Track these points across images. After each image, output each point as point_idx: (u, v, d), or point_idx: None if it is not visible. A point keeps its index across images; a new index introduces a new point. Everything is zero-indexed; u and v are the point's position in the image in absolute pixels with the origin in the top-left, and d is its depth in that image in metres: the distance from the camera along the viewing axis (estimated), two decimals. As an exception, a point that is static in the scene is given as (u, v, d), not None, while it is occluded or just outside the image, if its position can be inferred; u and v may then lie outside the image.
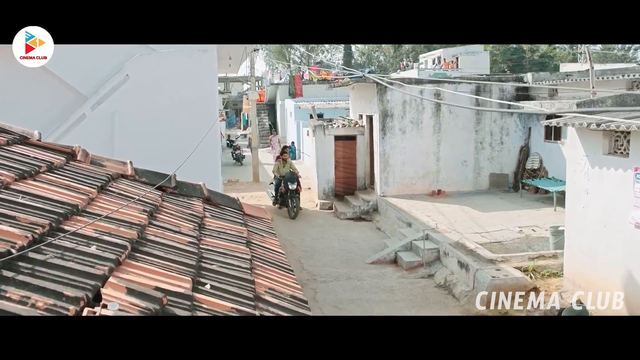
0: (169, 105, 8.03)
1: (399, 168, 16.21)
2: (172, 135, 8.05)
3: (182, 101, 8.05)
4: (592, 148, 7.37)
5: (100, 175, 4.31)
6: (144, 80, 8.00)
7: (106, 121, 7.94)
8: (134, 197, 4.15)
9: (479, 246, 10.58)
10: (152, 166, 8.10)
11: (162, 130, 8.02)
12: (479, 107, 15.56)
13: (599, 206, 7.31)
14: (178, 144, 8.06)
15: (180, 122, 8.06)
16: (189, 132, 8.06)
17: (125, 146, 7.93)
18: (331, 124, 18.05)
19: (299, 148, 29.57)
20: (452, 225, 12.59)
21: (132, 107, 7.98)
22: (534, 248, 10.70)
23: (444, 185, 16.39)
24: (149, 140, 8.01)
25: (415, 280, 10.75)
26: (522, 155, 16.61)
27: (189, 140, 8.06)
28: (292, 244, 13.57)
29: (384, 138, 16.08)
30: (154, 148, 8.00)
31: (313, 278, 11.04)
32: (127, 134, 7.95)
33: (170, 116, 8.03)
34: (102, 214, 3.35)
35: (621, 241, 6.88)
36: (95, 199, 3.65)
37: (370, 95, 16.64)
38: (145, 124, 8.01)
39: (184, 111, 8.05)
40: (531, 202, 14.73)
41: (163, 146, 8.00)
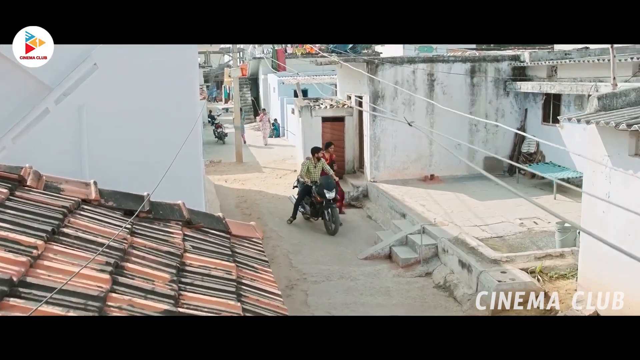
0: (143, 100, 7.12)
1: (390, 152, 15.45)
2: (147, 133, 7.18)
3: (158, 96, 7.14)
4: (615, 148, 6.66)
5: (54, 210, 3.47)
6: (115, 71, 7.07)
7: (72, 116, 7.03)
8: (95, 239, 3.34)
9: (481, 243, 9.92)
10: (126, 168, 7.27)
11: (136, 127, 7.13)
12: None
13: (623, 213, 6.61)
14: (153, 143, 7.23)
15: (156, 120, 7.17)
16: (166, 130, 7.21)
17: (95, 145, 7.05)
18: (318, 105, 17.18)
19: (283, 125, 28.64)
20: (449, 217, 11.92)
21: (102, 101, 7.06)
22: (539, 244, 10.07)
23: (437, 170, 15.69)
24: (121, 139, 7.13)
25: (413, 280, 10.07)
26: (518, 138, 15.91)
27: (166, 140, 7.22)
28: (280, 236, 12.81)
29: (374, 120, 15.28)
30: (127, 147, 7.16)
31: (303, 277, 10.32)
32: (97, 131, 7.05)
33: (144, 112, 7.13)
34: (46, 285, 2.55)
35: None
36: (41, 256, 2.83)
37: (359, 75, 15.73)
38: (116, 120, 7.11)
39: (161, 108, 7.16)
40: (529, 188, 14.08)
41: (137, 145, 7.15)
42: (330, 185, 12.81)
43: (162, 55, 7.17)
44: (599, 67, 12.46)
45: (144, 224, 4.16)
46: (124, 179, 7.22)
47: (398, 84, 15.23)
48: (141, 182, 7.27)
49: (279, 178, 18.91)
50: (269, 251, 11.80)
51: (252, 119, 35.04)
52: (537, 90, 14.53)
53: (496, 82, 15.67)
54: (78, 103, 7.06)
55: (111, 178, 7.20)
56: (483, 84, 15.61)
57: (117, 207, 4.21)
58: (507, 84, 15.62)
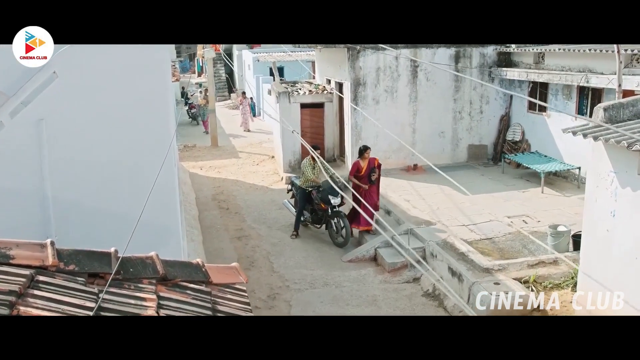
0: (109, 111, 6.41)
1: (371, 141, 14.81)
2: (115, 147, 6.51)
3: (126, 107, 6.44)
4: (623, 165, 6.21)
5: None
6: (77, 79, 6.34)
7: (30, 132, 6.32)
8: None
9: (471, 248, 9.50)
10: (92, 185, 6.62)
11: (102, 142, 6.45)
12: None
13: (631, 234, 6.21)
14: (121, 158, 6.58)
15: (125, 133, 6.49)
16: (135, 143, 6.55)
17: (57, 162, 6.38)
18: (296, 90, 16.47)
19: (258, 105, 27.83)
20: (435, 214, 11.49)
21: (64, 114, 6.36)
22: (530, 248, 9.69)
23: (420, 159, 15.18)
24: (86, 154, 6.45)
25: (400, 287, 9.64)
26: (503, 125, 15.50)
27: (136, 153, 6.58)
28: (259, 234, 12.27)
29: (355, 109, 14.67)
30: (93, 163, 6.49)
31: (286, 285, 9.81)
32: (59, 147, 6.36)
33: (110, 125, 6.43)
34: None
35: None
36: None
37: (339, 60, 15.10)
38: (80, 134, 6.42)
39: (129, 119, 6.47)
40: (515, 179, 13.72)
41: (103, 160, 6.49)
42: (335, 190, 10.46)
43: (129, 60, 6.47)
44: (589, 56, 12.02)
45: (113, 289, 3.58)
46: (90, 197, 6.63)
47: (380, 70, 14.66)
48: (108, 200, 6.68)
49: (256, 165, 18.30)
50: (249, 253, 11.29)
51: (226, 96, 34.12)
52: (524, 78, 14.08)
53: (481, 68, 15.16)
54: (37, 116, 6.35)
55: (76, 198, 6.60)
56: (467, 71, 15.08)
57: (79, 272, 3.62)
58: (492, 70, 15.12)
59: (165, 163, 6.62)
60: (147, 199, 5.53)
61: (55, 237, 6.56)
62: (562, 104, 13.41)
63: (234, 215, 13.56)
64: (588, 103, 12.61)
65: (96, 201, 6.62)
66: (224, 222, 13.08)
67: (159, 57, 6.62)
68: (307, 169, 11.81)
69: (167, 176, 6.63)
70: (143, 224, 6.69)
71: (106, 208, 6.66)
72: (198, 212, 13.65)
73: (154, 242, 6.42)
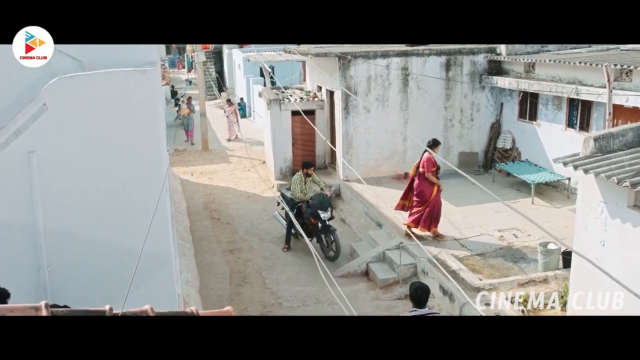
0: (99, 144, 6.38)
1: (362, 150, 14.94)
2: (106, 177, 6.48)
3: (116, 137, 6.42)
4: (613, 196, 6.26)
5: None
6: (67, 111, 6.31)
7: (21, 164, 6.28)
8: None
9: (462, 266, 9.57)
10: (84, 216, 6.59)
11: (93, 175, 6.41)
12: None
13: (620, 266, 6.28)
14: (113, 187, 6.56)
15: (115, 162, 6.46)
16: (126, 177, 6.54)
17: (48, 194, 6.35)
18: (287, 97, 16.45)
19: (249, 105, 27.75)
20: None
21: (54, 146, 6.32)
22: (520, 265, 9.78)
23: (411, 167, 15.18)
24: (76, 188, 6.43)
25: (392, 304, 9.69)
26: (493, 133, 15.57)
27: (127, 182, 6.56)
28: (251, 247, 12.28)
29: (346, 118, 14.69)
30: (84, 198, 6.47)
31: (278, 302, 9.85)
32: (49, 180, 6.33)
33: (101, 157, 6.40)
34: None
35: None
36: None
37: (331, 69, 15.08)
38: (70, 167, 6.38)
39: (120, 150, 6.44)
40: (505, 189, 13.78)
41: (95, 196, 6.47)
42: (324, 204, 11.16)
43: (119, 90, 6.44)
44: (579, 68, 12.06)
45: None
46: (81, 227, 6.60)
47: (371, 79, 14.66)
48: (100, 230, 6.66)
49: (247, 171, 18.27)
50: (241, 267, 11.31)
51: (216, 95, 33.98)
52: (515, 87, 14.12)
53: (472, 75, 15.19)
54: (27, 149, 6.31)
55: (67, 228, 6.57)
56: (459, 78, 15.11)
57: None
58: (483, 78, 15.16)
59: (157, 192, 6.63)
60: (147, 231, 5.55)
61: (48, 268, 6.60)
62: (552, 114, 13.48)
63: (226, 226, 13.55)
64: (578, 114, 12.68)
65: (87, 231, 6.60)
66: (215, 234, 13.08)
67: (149, 86, 6.59)
68: (296, 185, 11.79)
69: (160, 205, 6.62)
70: (136, 252, 6.71)
71: (98, 238, 6.64)
72: (189, 223, 13.63)
73: (147, 269, 6.45)
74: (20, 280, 6.47)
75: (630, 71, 10.75)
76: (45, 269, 6.52)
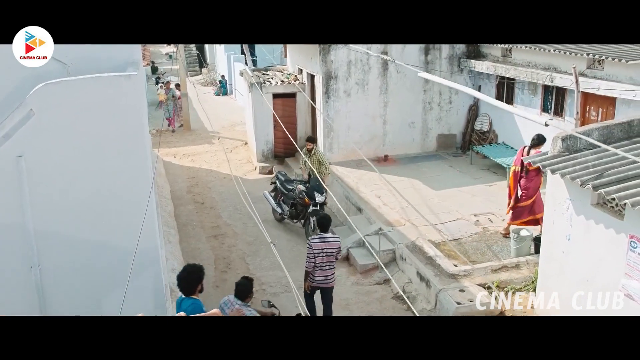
0: (86, 147, 6.56)
1: (343, 133, 15.19)
2: (94, 179, 6.68)
3: (102, 140, 6.60)
4: (578, 194, 6.63)
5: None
6: (53, 116, 6.47)
7: (10, 168, 6.46)
8: None
9: (438, 253, 9.94)
10: (75, 217, 6.81)
11: (81, 177, 6.61)
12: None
13: (583, 260, 6.69)
14: (101, 189, 6.78)
15: (103, 165, 6.66)
16: (113, 178, 6.75)
17: (38, 196, 6.55)
18: (268, 80, 16.59)
19: (230, 82, 27.75)
20: (405, 212, 11.88)
21: (42, 150, 6.50)
22: (494, 250, 10.19)
23: (391, 149, 15.55)
24: (65, 190, 6.63)
25: (372, 289, 10.09)
26: (471, 115, 15.91)
27: (115, 190, 6.78)
28: (235, 232, 12.58)
29: (327, 102, 14.90)
30: (73, 199, 6.69)
31: (262, 288, 10.18)
32: (38, 183, 6.53)
33: (88, 160, 6.59)
34: None
35: (606, 306, 6.32)
36: None
37: (311, 53, 15.23)
38: (58, 170, 6.58)
39: (107, 153, 6.64)
40: (482, 171, 14.17)
41: (83, 198, 6.68)
42: (321, 187, 11.46)
43: (103, 95, 6.61)
44: (554, 55, 12.35)
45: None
46: (71, 228, 6.83)
47: (351, 63, 14.85)
48: (88, 230, 6.89)
49: (230, 152, 18.44)
50: (225, 253, 11.60)
51: (197, 71, 33.87)
52: (492, 72, 14.41)
53: (450, 59, 15.43)
54: (15, 152, 6.49)
55: (57, 229, 6.79)
56: (437, 61, 15.35)
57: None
58: (461, 61, 15.41)
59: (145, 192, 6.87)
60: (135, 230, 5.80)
61: (39, 267, 6.84)
62: (528, 98, 13.82)
63: (210, 211, 13.81)
64: (552, 99, 13.03)
65: (76, 231, 6.83)
66: (199, 219, 13.33)
67: (133, 89, 6.76)
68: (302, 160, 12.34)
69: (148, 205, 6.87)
70: (124, 251, 7.01)
71: (86, 237, 6.87)
72: (174, 208, 13.86)
73: (136, 267, 6.71)
74: (12, 279, 6.74)
75: (602, 60, 11.07)
76: (36, 268, 6.76)
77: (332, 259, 8.40)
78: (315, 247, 8.27)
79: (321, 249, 8.27)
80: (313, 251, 8.26)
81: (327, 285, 8.51)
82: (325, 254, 8.29)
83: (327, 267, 8.36)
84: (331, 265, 8.41)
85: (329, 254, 8.32)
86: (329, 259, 8.35)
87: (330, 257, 8.35)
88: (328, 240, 8.37)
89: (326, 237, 8.42)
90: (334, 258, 8.44)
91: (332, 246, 8.35)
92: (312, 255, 8.27)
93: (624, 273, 6.07)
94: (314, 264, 8.28)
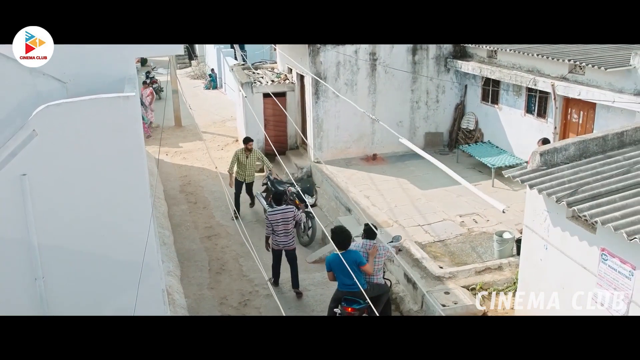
0: (87, 165, 6.86)
1: (332, 133, 15.53)
2: (95, 200, 6.99)
3: (102, 159, 6.91)
4: (554, 207, 7.01)
5: None
6: (54, 136, 6.75)
7: (14, 187, 6.75)
8: None
9: (425, 255, 10.34)
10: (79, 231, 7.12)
11: (83, 195, 6.92)
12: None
13: (559, 268, 7.10)
14: (103, 210, 7.09)
15: (103, 185, 6.96)
16: (114, 196, 7.05)
17: (41, 216, 6.86)
18: (259, 80, 16.85)
19: (220, 76, 27.92)
20: (393, 213, 12.27)
21: (45, 169, 6.79)
22: (478, 251, 10.60)
23: (379, 148, 15.90)
24: (68, 207, 6.93)
25: (361, 290, 10.47)
26: (458, 114, 16.27)
27: (116, 206, 7.09)
28: (228, 232, 12.91)
29: (317, 102, 15.21)
30: (76, 216, 6.99)
31: (255, 290, 10.56)
32: (42, 201, 6.83)
33: (90, 179, 6.90)
34: None
35: (579, 313, 6.75)
36: None
37: (301, 54, 15.48)
38: (61, 188, 6.88)
39: (107, 172, 6.94)
40: (468, 170, 14.53)
41: (86, 214, 6.99)
42: (311, 189, 12.85)
43: (102, 116, 6.89)
44: (537, 59, 12.71)
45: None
46: (74, 242, 7.15)
47: (340, 64, 15.14)
48: (91, 244, 7.21)
49: (221, 150, 18.72)
50: (219, 254, 11.94)
51: (186, 63, 33.97)
52: (478, 73, 14.75)
53: (437, 59, 15.75)
54: (19, 171, 6.77)
55: (60, 243, 7.11)
56: (424, 61, 15.67)
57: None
58: (448, 61, 15.74)
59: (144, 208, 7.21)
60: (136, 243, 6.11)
61: (43, 279, 7.16)
62: (512, 99, 14.20)
63: (202, 211, 14.12)
64: (536, 101, 13.40)
65: (79, 244, 7.13)
66: (193, 219, 13.65)
67: (131, 109, 7.05)
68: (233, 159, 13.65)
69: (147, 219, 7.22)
70: (124, 263, 7.37)
71: (88, 250, 7.19)
72: (167, 208, 14.15)
73: (135, 279, 7.06)
74: (18, 290, 7.07)
75: (583, 66, 11.44)
76: (40, 280, 7.08)
77: (289, 226, 10.09)
78: (271, 219, 10.08)
79: (277, 219, 10.03)
80: (270, 222, 10.07)
81: (289, 248, 10.25)
82: (282, 223, 10.05)
83: (285, 233, 10.10)
84: (288, 231, 10.11)
85: (285, 222, 10.05)
86: (285, 227, 10.07)
87: (286, 224, 10.06)
88: (283, 212, 10.10)
89: (280, 209, 10.16)
90: (291, 225, 10.13)
91: (287, 215, 10.07)
92: (270, 225, 10.11)
93: (596, 283, 6.48)
94: (273, 231, 10.08)
